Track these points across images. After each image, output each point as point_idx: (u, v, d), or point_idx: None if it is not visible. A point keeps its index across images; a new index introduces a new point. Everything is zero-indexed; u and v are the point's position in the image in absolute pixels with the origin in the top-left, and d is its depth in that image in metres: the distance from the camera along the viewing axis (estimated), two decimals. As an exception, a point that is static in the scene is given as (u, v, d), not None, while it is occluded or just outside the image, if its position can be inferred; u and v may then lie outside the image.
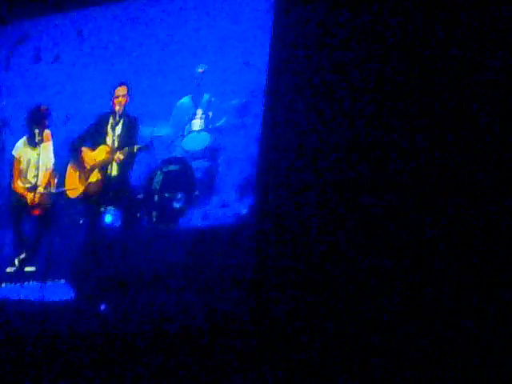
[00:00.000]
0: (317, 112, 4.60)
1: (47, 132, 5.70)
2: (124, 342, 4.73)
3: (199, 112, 5.58)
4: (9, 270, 5.47)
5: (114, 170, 5.32)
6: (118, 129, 5.42)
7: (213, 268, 4.72)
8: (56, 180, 5.62)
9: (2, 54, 6.16)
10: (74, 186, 5.43)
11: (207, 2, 5.64)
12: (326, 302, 4.23)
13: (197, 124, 5.57)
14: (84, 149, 5.48)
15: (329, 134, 4.51)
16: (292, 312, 4.30)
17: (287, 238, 4.46)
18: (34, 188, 5.57)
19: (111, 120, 5.45)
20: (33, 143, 5.67)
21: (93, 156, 5.42)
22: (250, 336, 4.36)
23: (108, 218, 5.46)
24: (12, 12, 6.04)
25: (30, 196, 5.57)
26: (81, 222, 5.48)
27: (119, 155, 5.30)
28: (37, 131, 5.64)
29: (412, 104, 4.27)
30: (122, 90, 5.48)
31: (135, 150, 5.29)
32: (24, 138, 5.75)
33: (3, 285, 5.43)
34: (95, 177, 5.37)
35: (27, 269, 5.43)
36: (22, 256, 5.45)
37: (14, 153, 5.72)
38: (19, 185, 5.64)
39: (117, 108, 5.45)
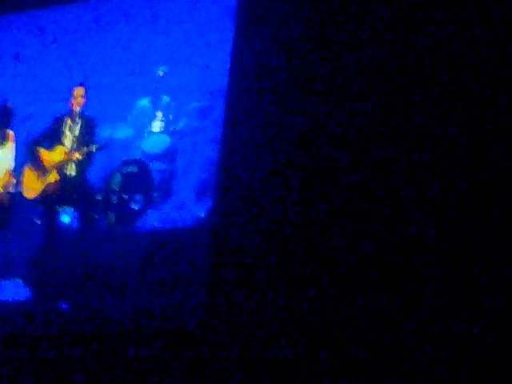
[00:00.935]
0: (277, 115, 4.57)
1: (10, 133, 5.60)
2: (80, 343, 4.65)
3: (159, 114, 5.53)
4: (-35, 269, 5.37)
5: (71, 171, 5.24)
6: (76, 130, 5.34)
7: (170, 270, 4.68)
8: (14, 180, 5.52)
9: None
10: (32, 187, 5.33)
11: (168, 4, 5.58)
12: (283, 303, 4.19)
13: (157, 126, 5.52)
14: (41, 149, 5.38)
15: (288, 138, 4.48)
16: (248, 314, 4.26)
17: (244, 240, 4.42)
18: (-8, 188, 5.48)
19: (69, 121, 5.37)
20: None
21: (50, 156, 5.33)
22: (206, 338, 4.32)
23: (66, 219, 5.39)
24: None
25: (-12, 196, 5.47)
26: (38, 222, 5.40)
27: (77, 155, 5.21)
28: None
29: (369, 100, 4.26)
30: (79, 91, 5.40)
31: (93, 150, 5.21)
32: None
33: (-40, 284, 5.32)
34: (53, 177, 5.27)
35: (-16, 268, 5.34)
36: (-21, 255, 5.35)
37: None
38: (-22, 185, 5.54)
39: (74, 109, 5.36)
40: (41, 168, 5.38)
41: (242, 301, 4.30)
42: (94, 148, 5.23)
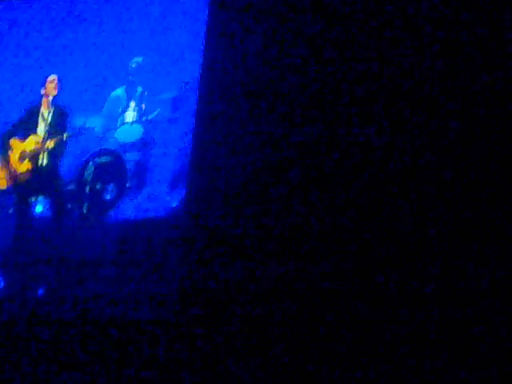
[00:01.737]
0: (250, 106, 4.54)
1: None
2: (54, 332, 4.60)
3: (132, 104, 5.48)
4: None
5: (44, 160, 5.16)
6: (49, 118, 5.26)
7: (142, 260, 4.63)
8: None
9: None
10: (3, 176, 5.25)
11: (143, -6, 5.53)
12: (257, 293, 4.18)
13: (130, 116, 5.46)
14: (13, 140, 5.30)
15: (262, 129, 4.45)
16: (220, 307, 4.23)
17: (217, 231, 4.39)
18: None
19: (42, 110, 5.29)
20: None
21: (23, 146, 5.24)
22: (180, 327, 4.29)
23: (38, 208, 5.33)
24: None
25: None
26: (10, 211, 5.32)
27: (49, 144, 5.14)
28: None
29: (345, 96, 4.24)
30: (52, 80, 5.31)
31: (65, 138, 5.14)
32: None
33: None
34: (25, 167, 5.19)
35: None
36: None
37: None
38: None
39: (47, 97, 5.28)
40: (12, 158, 5.29)
41: (215, 290, 4.27)
42: (65, 136, 5.15)
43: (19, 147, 5.25)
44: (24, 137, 5.33)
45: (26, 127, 5.33)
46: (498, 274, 3.69)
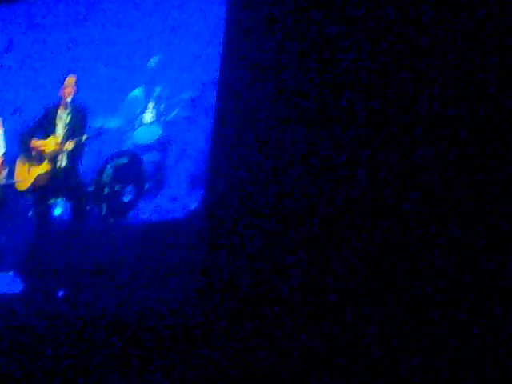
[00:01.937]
0: (269, 106, 4.49)
1: None
2: (75, 335, 4.59)
3: (151, 105, 5.44)
4: (-45, 261, 5.28)
5: (63, 162, 5.13)
6: (67, 119, 5.23)
7: (162, 262, 4.60)
8: (6, 171, 5.41)
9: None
10: (24, 178, 5.22)
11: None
12: (276, 296, 4.14)
13: (148, 117, 5.42)
14: (34, 140, 5.27)
15: (281, 129, 4.40)
16: (241, 307, 4.20)
17: (236, 232, 4.35)
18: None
19: (60, 111, 5.25)
20: None
21: (42, 147, 5.22)
22: (201, 329, 4.26)
23: (57, 211, 5.31)
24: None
25: (-22, 187, 5.36)
26: (30, 214, 5.31)
27: (68, 145, 5.11)
28: None
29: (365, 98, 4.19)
30: (70, 80, 5.27)
31: (83, 140, 5.10)
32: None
33: (-50, 276, 5.23)
34: (44, 168, 5.17)
35: (-25, 261, 5.24)
36: (-30, 248, 5.26)
37: None
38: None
39: (65, 98, 5.24)
40: (33, 159, 5.27)
41: (236, 292, 4.24)
42: (85, 138, 5.12)
43: (39, 147, 5.23)
44: (43, 137, 5.31)
45: (44, 127, 5.30)
46: (498, 275, 3.64)
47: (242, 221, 4.35)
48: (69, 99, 5.24)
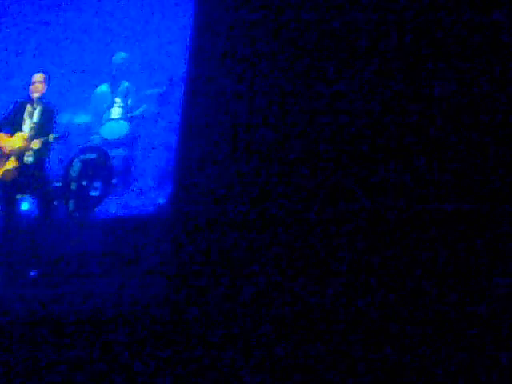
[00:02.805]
0: (235, 101, 4.45)
1: None
2: (41, 328, 4.50)
3: (118, 100, 5.37)
4: None
5: (30, 158, 5.03)
6: (35, 116, 5.13)
7: (130, 256, 4.55)
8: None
9: None
10: None
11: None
12: (245, 287, 4.10)
13: (115, 112, 5.36)
14: (1, 136, 5.17)
15: (248, 124, 4.37)
16: (208, 300, 4.15)
17: (204, 226, 4.30)
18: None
19: (29, 107, 5.15)
20: None
21: (10, 143, 5.12)
22: (168, 323, 4.20)
23: (25, 206, 5.23)
24: None
25: None
26: (-3, 209, 5.22)
27: (35, 144, 5.01)
28: None
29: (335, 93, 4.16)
30: (39, 77, 5.17)
31: (50, 139, 5.01)
32: None
33: None
34: (11, 164, 5.07)
35: None
36: None
37: None
38: None
39: (34, 95, 5.14)
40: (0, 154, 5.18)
41: (201, 287, 4.20)
42: (50, 138, 5.02)
43: (6, 143, 5.13)
44: (11, 132, 5.21)
45: (13, 123, 5.19)
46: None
47: (209, 215, 4.32)
48: (37, 95, 5.14)
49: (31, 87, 5.18)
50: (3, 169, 5.08)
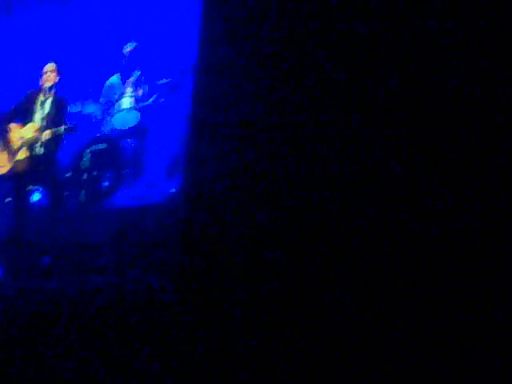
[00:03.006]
0: (246, 93, 4.42)
1: None
2: (55, 320, 4.50)
3: (129, 90, 5.36)
4: None
5: (41, 149, 5.02)
6: (47, 107, 5.11)
7: (141, 247, 4.54)
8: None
9: None
10: (2, 164, 5.11)
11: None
12: (253, 282, 4.08)
13: (126, 102, 5.34)
14: (12, 126, 5.15)
15: (258, 115, 4.34)
16: (219, 292, 4.14)
17: (215, 217, 4.28)
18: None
19: (40, 97, 5.12)
20: None
21: (21, 133, 5.12)
22: (179, 314, 4.20)
23: (36, 197, 5.22)
24: None
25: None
26: (8, 199, 5.22)
27: (46, 135, 5.00)
28: None
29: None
30: (50, 67, 5.14)
31: (62, 131, 4.99)
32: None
33: None
34: (23, 154, 5.06)
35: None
36: None
37: None
38: None
39: (45, 84, 5.11)
40: (11, 144, 5.17)
41: (213, 277, 4.18)
42: (62, 129, 5.00)
43: (17, 134, 5.12)
44: (22, 122, 5.20)
45: (24, 112, 5.17)
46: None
47: (219, 206, 4.30)
48: (48, 85, 5.11)
49: (43, 77, 5.16)
50: (14, 159, 5.08)
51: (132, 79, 5.32)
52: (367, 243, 3.79)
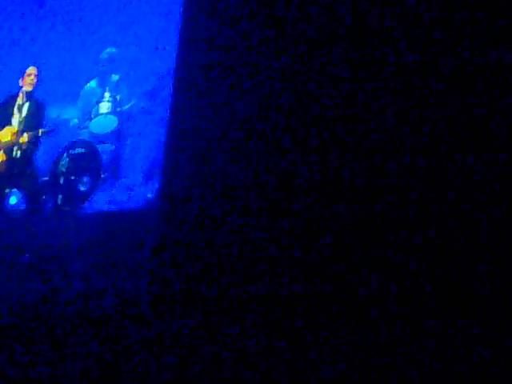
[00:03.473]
0: (225, 98, 4.42)
1: None
2: (26, 324, 4.46)
3: (107, 95, 5.36)
4: None
5: (18, 152, 5.00)
6: (25, 110, 5.10)
7: (117, 252, 4.52)
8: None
9: None
10: None
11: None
12: (233, 283, 4.07)
13: (104, 107, 5.33)
14: None
15: (237, 120, 4.34)
16: (194, 298, 4.13)
17: (192, 222, 4.27)
18: None
19: (18, 101, 5.12)
20: None
21: (-2, 136, 5.10)
22: (154, 319, 4.17)
23: (12, 200, 5.19)
24: None
25: None
26: (-16, 203, 5.18)
27: (24, 138, 4.98)
28: None
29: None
30: (31, 70, 5.14)
31: (39, 134, 4.98)
32: None
33: None
34: (0, 157, 5.04)
35: None
36: None
37: None
38: None
39: (25, 87, 5.11)
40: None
41: (190, 282, 4.17)
42: (39, 132, 4.99)
43: None
44: (0, 126, 5.17)
45: (2, 117, 5.16)
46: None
47: (197, 211, 4.29)
48: (28, 89, 5.10)
49: (22, 80, 5.15)
50: (-9, 162, 5.06)
51: (111, 83, 5.32)
52: (352, 242, 3.80)
